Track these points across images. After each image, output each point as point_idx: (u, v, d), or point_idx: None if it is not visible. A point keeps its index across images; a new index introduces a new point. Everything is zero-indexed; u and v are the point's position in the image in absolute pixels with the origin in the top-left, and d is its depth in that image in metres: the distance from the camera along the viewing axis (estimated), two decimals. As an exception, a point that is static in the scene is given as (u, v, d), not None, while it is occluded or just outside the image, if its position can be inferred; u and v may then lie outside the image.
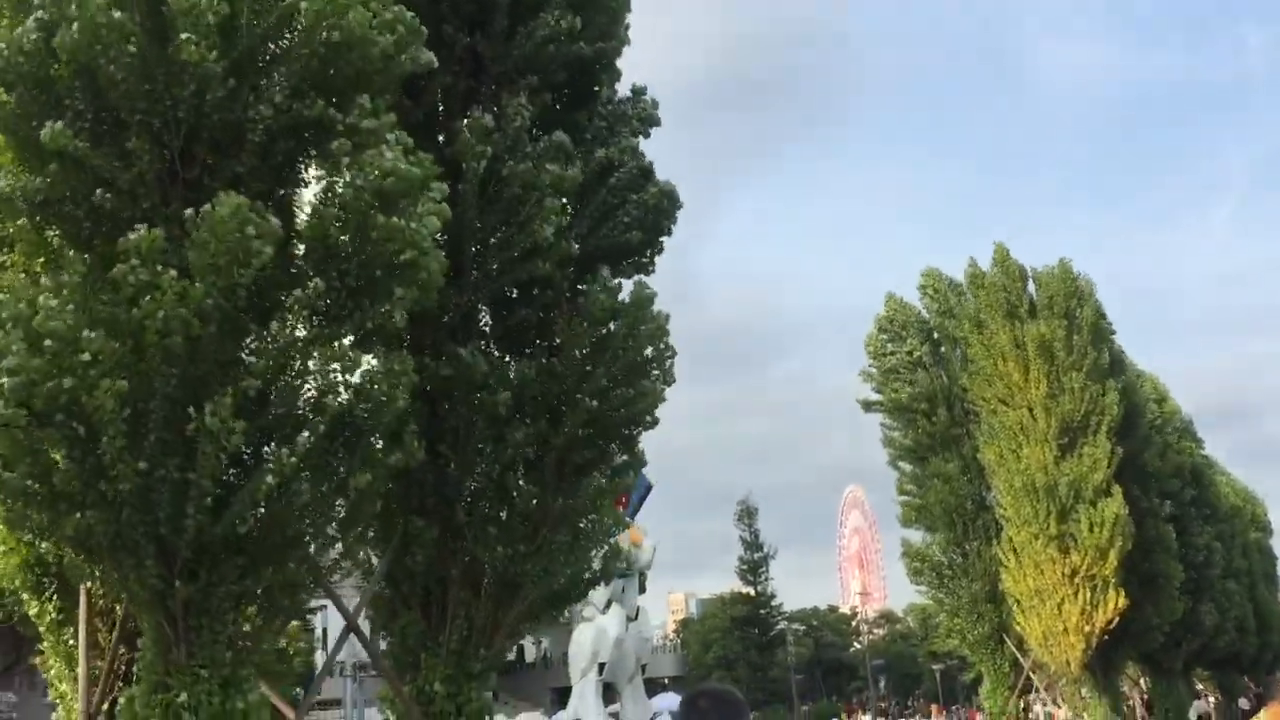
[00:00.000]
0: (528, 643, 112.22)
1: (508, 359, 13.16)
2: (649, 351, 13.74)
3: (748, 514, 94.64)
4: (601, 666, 49.85)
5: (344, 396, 9.89)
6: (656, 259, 14.33)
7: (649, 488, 57.79)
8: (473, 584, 12.35)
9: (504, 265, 12.63)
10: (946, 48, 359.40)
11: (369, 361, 10.25)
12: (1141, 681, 47.73)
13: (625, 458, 14.22)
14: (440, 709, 12.02)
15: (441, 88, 13.15)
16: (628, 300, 13.16)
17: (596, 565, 13.59)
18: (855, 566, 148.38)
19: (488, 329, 13.76)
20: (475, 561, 12.23)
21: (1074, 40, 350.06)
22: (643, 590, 56.21)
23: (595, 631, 51.40)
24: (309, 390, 9.94)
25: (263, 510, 9.58)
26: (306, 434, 9.33)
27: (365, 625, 13.87)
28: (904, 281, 39.19)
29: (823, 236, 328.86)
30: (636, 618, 54.08)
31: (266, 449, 9.65)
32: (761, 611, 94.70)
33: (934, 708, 33.74)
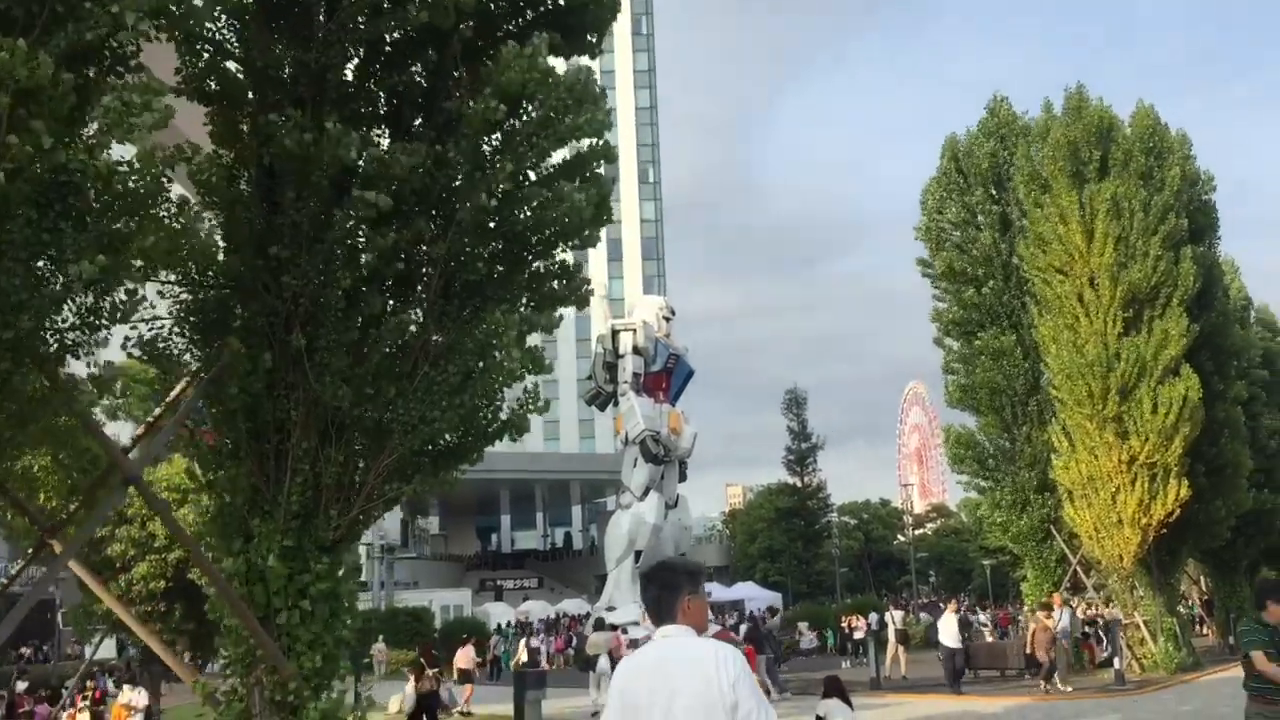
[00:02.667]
0: (575, 530, 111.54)
1: (384, 135, 9.98)
2: (581, 147, 10.61)
3: (795, 403, 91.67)
4: (638, 555, 47.84)
5: (60, 151, 6.84)
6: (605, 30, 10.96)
7: (690, 373, 54.81)
8: (322, 430, 9.39)
9: (372, 12, 9.39)
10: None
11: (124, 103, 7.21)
12: (1202, 580, 44.51)
13: (555, 284, 11.14)
14: (276, 588, 9.19)
15: None
16: (562, 78, 9.90)
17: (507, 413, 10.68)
18: (914, 463, 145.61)
19: (382, 104, 10.56)
20: (324, 402, 9.25)
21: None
22: (683, 478, 53.84)
23: (632, 519, 49.37)
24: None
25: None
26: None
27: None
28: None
29: (892, 130, 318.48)
30: (676, 505, 51.92)
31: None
32: (809, 503, 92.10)
33: (952, 602, 33.73)
